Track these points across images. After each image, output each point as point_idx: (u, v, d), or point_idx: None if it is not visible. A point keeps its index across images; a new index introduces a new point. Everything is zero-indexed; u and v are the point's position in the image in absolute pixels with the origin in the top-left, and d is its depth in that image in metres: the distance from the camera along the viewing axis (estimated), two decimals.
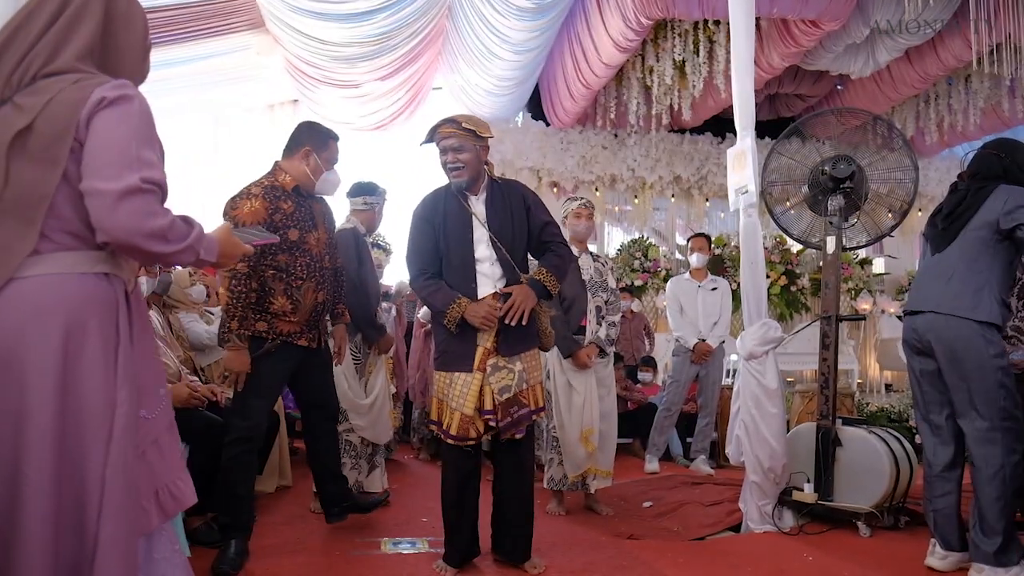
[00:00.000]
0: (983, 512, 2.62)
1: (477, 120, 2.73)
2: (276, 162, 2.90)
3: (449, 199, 2.76)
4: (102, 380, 1.37)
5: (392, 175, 7.60)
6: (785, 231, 3.89)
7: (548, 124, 8.57)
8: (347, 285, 3.57)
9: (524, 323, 2.63)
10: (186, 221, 1.47)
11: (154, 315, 3.28)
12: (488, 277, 2.70)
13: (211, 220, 1.76)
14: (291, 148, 2.87)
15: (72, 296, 1.37)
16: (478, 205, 2.75)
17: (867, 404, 6.12)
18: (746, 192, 3.44)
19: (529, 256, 2.92)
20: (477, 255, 2.70)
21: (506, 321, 2.61)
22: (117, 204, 1.34)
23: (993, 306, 2.64)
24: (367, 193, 3.66)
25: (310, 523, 3.38)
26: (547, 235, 2.80)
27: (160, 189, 1.41)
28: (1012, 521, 2.63)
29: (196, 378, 3.38)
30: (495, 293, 2.68)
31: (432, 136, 2.74)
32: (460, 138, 2.67)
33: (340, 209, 3.42)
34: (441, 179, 2.84)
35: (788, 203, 3.96)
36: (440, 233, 2.72)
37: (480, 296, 2.69)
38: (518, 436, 2.71)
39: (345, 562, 2.80)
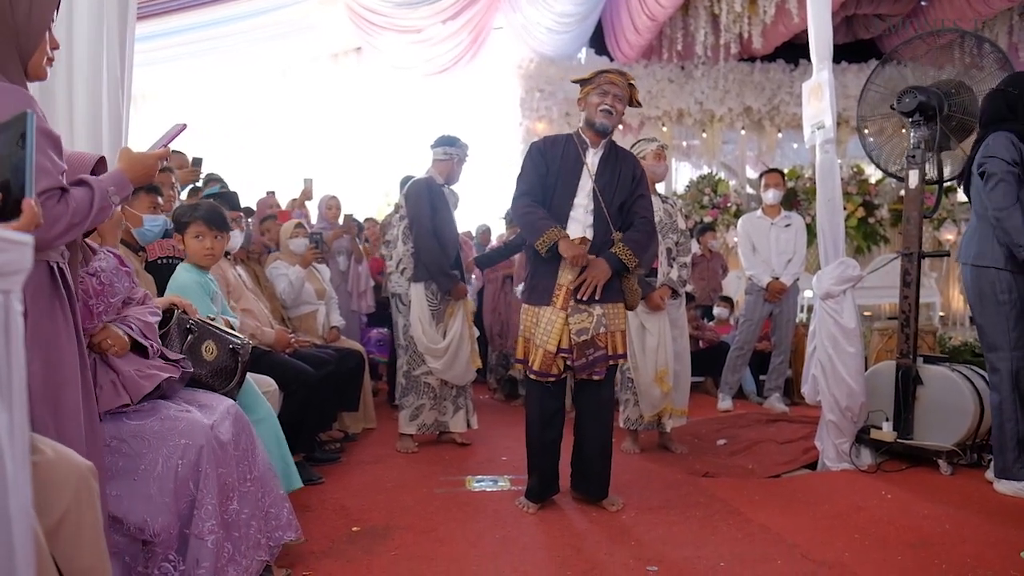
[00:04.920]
0: (999, 432, 2.95)
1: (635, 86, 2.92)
2: None
3: (569, 145, 2.90)
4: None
5: (455, 120, 7.64)
6: (877, 165, 3.76)
7: (612, 59, 8.36)
8: (422, 234, 3.69)
9: (597, 297, 2.74)
10: (82, 185, 1.46)
11: (240, 269, 3.47)
12: (579, 223, 2.82)
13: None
14: None
15: None
16: (592, 158, 2.87)
17: (949, 338, 5.91)
18: (823, 127, 3.31)
19: None
20: (576, 201, 2.83)
21: (578, 296, 2.73)
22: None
23: (996, 249, 2.93)
24: (448, 144, 3.85)
25: (397, 462, 3.59)
26: (638, 207, 2.87)
27: (56, 190, 1.38)
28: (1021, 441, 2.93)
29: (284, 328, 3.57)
30: (583, 237, 2.79)
31: (594, 77, 2.87)
32: (623, 89, 2.84)
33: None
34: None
35: (866, 131, 3.79)
36: (551, 171, 2.85)
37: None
38: (596, 377, 2.79)
39: (431, 499, 2.98)
